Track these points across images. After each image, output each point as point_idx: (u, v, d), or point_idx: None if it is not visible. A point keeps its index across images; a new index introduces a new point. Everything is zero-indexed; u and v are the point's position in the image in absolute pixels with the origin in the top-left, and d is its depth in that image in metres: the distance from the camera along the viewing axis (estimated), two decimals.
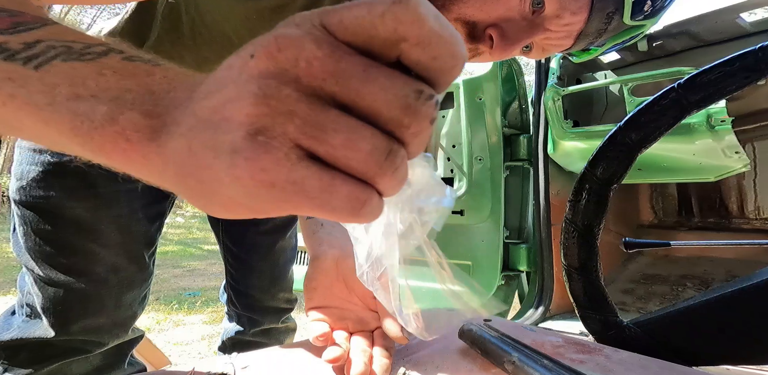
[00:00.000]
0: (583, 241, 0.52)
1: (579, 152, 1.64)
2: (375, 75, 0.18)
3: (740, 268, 2.01)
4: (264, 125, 0.18)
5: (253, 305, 1.04)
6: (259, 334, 1.06)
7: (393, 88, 0.18)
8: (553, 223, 1.72)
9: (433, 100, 0.19)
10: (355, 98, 0.18)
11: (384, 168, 0.19)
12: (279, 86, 0.18)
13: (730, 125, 1.33)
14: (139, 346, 0.91)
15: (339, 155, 0.18)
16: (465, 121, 1.75)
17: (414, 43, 0.18)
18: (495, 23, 0.51)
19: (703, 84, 0.47)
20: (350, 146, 0.18)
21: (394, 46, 0.18)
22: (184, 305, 3.06)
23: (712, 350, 0.46)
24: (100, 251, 0.73)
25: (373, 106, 0.18)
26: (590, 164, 0.52)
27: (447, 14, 0.52)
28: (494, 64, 1.73)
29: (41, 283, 0.72)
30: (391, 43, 0.18)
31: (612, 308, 0.52)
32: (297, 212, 0.20)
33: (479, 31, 0.52)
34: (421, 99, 0.19)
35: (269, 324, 1.05)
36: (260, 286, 1.03)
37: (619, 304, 1.83)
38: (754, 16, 1.63)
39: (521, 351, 0.36)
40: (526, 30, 0.52)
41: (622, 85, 1.53)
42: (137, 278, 0.80)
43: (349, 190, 0.19)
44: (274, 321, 1.06)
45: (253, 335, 1.06)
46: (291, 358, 0.43)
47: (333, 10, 0.19)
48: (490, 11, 0.51)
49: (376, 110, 0.18)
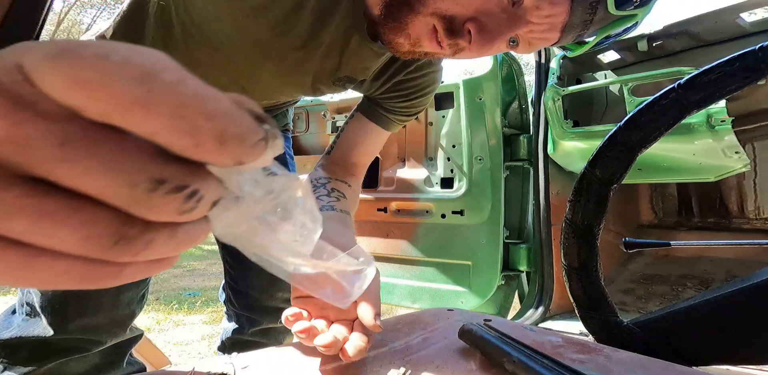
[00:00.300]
0: (583, 241, 0.52)
1: (579, 152, 1.64)
2: (74, 153, 0.13)
3: (740, 268, 2.01)
4: None
5: (252, 305, 1.04)
6: (258, 334, 1.06)
7: (109, 173, 0.14)
8: (553, 223, 1.72)
9: (183, 192, 0.15)
10: (54, 178, 0.14)
11: (115, 254, 0.15)
12: None
13: (730, 125, 1.33)
14: (139, 346, 0.91)
15: (36, 241, 0.14)
16: (465, 121, 1.75)
17: (111, 114, 0.13)
18: (474, 17, 0.50)
19: (703, 84, 0.47)
20: (44, 233, 0.14)
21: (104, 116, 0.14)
22: (184, 305, 3.06)
23: (712, 350, 0.47)
24: None
25: (84, 190, 0.14)
26: (590, 164, 0.52)
27: (423, 9, 0.51)
28: (494, 64, 1.73)
29: None
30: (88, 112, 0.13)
31: (612, 308, 0.52)
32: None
33: (458, 25, 0.51)
34: (159, 191, 0.14)
35: (268, 324, 1.05)
36: (259, 286, 1.03)
37: (619, 304, 1.83)
38: (754, 16, 1.63)
39: (521, 351, 0.36)
40: (506, 23, 0.50)
41: (622, 85, 1.53)
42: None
43: (64, 267, 0.15)
44: (272, 321, 1.06)
45: (252, 335, 1.05)
46: (291, 358, 0.43)
47: (35, 48, 0.14)
48: (467, 4, 0.50)
49: (90, 193, 0.14)
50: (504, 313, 1.77)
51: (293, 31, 0.62)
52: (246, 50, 0.67)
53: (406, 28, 0.53)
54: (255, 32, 0.63)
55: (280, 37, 0.63)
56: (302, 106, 2.28)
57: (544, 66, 1.78)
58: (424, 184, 1.87)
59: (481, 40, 0.50)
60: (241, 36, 0.65)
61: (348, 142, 0.79)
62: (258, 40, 0.65)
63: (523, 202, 1.84)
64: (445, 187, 1.83)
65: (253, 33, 0.63)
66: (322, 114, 2.26)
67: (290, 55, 0.66)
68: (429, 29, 0.52)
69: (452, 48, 0.53)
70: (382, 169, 2.00)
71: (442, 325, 0.49)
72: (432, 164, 1.89)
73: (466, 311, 0.56)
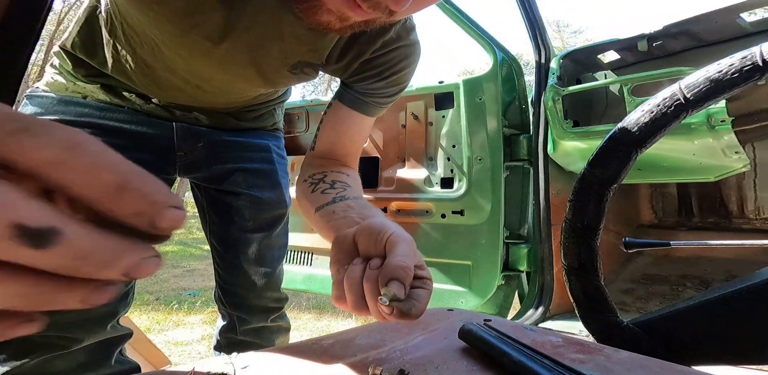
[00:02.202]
0: (583, 241, 0.52)
1: (579, 152, 1.64)
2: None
3: (740, 268, 2.01)
4: None
5: (240, 304, 1.05)
6: (250, 333, 1.06)
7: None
8: (553, 223, 1.72)
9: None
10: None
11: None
12: None
13: (730, 125, 1.33)
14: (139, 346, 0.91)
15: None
16: (465, 121, 1.75)
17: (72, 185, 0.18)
18: None
19: (704, 84, 0.47)
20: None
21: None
22: (183, 305, 3.06)
23: (712, 350, 0.46)
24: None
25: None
26: (590, 164, 0.52)
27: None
28: (494, 64, 1.73)
29: None
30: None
31: (612, 308, 0.52)
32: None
33: None
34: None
35: (257, 323, 1.05)
36: (246, 285, 1.03)
37: (619, 304, 1.83)
38: (754, 16, 1.63)
39: (521, 351, 0.36)
40: None
41: (622, 85, 1.53)
42: None
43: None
44: (262, 320, 1.05)
45: (243, 334, 1.05)
46: (291, 358, 0.43)
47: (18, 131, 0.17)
48: None
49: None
50: (504, 313, 1.77)
51: (205, 25, 0.60)
52: (175, 49, 0.66)
53: (323, 5, 0.51)
54: (169, 29, 0.61)
55: (193, 31, 0.61)
56: (302, 106, 2.28)
57: (544, 66, 1.78)
58: (424, 184, 1.86)
59: None
60: (162, 35, 0.63)
61: (329, 134, 0.76)
62: (176, 37, 0.62)
63: (523, 202, 1.83)
64: (445, 187, 1.83)
65: (168, 30, 0.61)
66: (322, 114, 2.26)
67: (213, 49, 0.64)
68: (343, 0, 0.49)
69: (376, 8, 0.49)
70: (382, 169, 2.00)
71: (442, 325, 0.49)
72: (432, 164, 1.89)
73: (466, 311, 0.56)
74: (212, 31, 0.61)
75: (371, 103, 0.74)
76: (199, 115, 0.89)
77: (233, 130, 0.96)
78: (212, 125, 0.93)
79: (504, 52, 1.79)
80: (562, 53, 1.80)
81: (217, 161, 0.95)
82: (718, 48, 1.71)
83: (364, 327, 0.51)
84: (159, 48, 0.68)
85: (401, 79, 0.74)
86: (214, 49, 0.64)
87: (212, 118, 0.91)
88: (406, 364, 0.40)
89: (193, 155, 0.92)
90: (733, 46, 1.67)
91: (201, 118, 0.90)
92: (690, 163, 1.55)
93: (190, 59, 0.68)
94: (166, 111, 0.86)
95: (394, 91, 0.74)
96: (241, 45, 0.64)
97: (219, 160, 0.95)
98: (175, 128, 0.88)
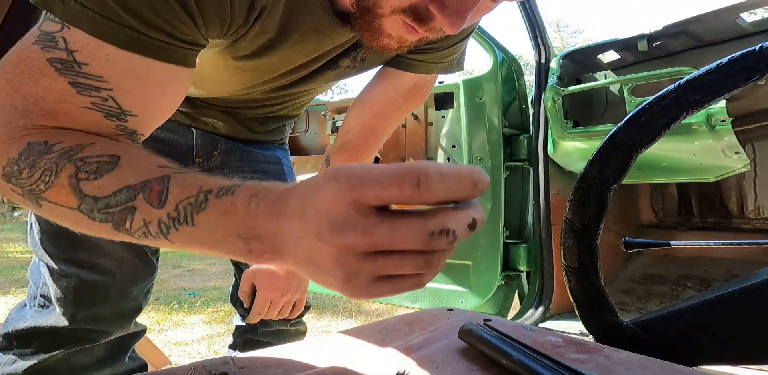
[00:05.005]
0: (583, 241, 0.52)
1: (579, 152, 1.64)
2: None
3: (740, 268, 2.01)
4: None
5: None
6: (269, 335, 1.07)
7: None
8: (553, 223, 1.72)
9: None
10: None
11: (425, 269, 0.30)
12: (348, 258, 0.29)
13: (730, 125, 1.33)
14: (139, 346, 0.92)
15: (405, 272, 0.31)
16: (465, 121, 1.75)
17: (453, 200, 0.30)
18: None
19: (703, 84, 0.47)
20: (403, 270, 0.30)
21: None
22: (184, 305, 3.06)
23: (712, 350, 0.46)
24: (107, 246, 0.78)
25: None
26: (590, 164, 0.52)
27: (383, 10, 0.51)
28: (494, 64, 1.73)
29: (56, 275, 0.77)
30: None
31: (612, 308, 0.52)
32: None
33: (423, 11, 0.50)
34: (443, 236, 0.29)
35: (278, 326, 1.06)
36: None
37: (619, 304, 1.83)
38: (754, 16, 1.63)
39: (521, 351, 0.36)
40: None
41: (622, 85, 1.53)
42: (141, 272, 0.84)
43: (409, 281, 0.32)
44: (283, 324, 1.06)
45: (263, 335, 1.06)
46: (291, 359, 0.43)
47: (361, 185, 0.27)
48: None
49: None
50: (504, 313, 1.77)
51: (288, 77, 0.70)
52: (251, 88, 0.75)
53: (383, 30, 0.54)
54: (250, 76, 0.70)
55: (275, 82, 0.72)
56: None
57: (544, 66, 1.78)
58: None
59: (448, 15, 0.48)
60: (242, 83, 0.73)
61: (362, 101, 0.85)
62: (257, 85, 0.73)
63: (523, 202, 1.83)
64: None
65: (249, 77, 0.70)
66: (322, 114, 2.26)
67: (298, 86, 0.75)
68: (401, 25, 0.52)
69: (432, 31, 0.52)
70: None
71: (442, 325, 0.49)
72: None
73: (466, 311, 0.56)
74: (294, 79, 0.72)
75: (418, 60, 0.78)
76: (216, 122, 0.90)
77: (245, 140, 0.97)
78: (227, 134, 0.93)
79: (504, 52, 1.79)
80: (562, 53, 1.80)
81: (232, 170, 0.95)
82: (718, 48, 1.71)
83: (364, 327, 0.51)
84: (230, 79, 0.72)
85: (460, 47, 0.79)
86: (298, 87, 0.75)
87: (229, 126, 0.92)
88: (406, 364, 0.40)
89: (210, 162, 0.93)
90: (733, 46, 1.67)
91: (218, 125, 0.91)
92: (690, 163, 1.55)
93: (264, 92, 0.77)
94: (188, 117, 0.87)
95: (451, 58, 0.80)
96: (322, 78, 0.74)
97: (234, 169, 0.96)
98: (194, 134, 0.89)
